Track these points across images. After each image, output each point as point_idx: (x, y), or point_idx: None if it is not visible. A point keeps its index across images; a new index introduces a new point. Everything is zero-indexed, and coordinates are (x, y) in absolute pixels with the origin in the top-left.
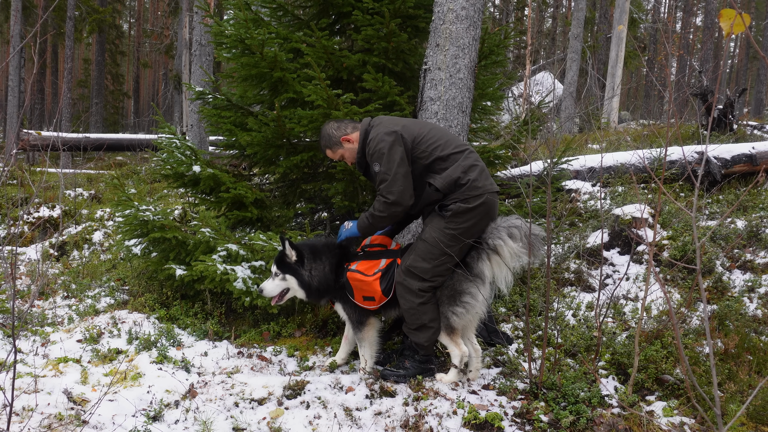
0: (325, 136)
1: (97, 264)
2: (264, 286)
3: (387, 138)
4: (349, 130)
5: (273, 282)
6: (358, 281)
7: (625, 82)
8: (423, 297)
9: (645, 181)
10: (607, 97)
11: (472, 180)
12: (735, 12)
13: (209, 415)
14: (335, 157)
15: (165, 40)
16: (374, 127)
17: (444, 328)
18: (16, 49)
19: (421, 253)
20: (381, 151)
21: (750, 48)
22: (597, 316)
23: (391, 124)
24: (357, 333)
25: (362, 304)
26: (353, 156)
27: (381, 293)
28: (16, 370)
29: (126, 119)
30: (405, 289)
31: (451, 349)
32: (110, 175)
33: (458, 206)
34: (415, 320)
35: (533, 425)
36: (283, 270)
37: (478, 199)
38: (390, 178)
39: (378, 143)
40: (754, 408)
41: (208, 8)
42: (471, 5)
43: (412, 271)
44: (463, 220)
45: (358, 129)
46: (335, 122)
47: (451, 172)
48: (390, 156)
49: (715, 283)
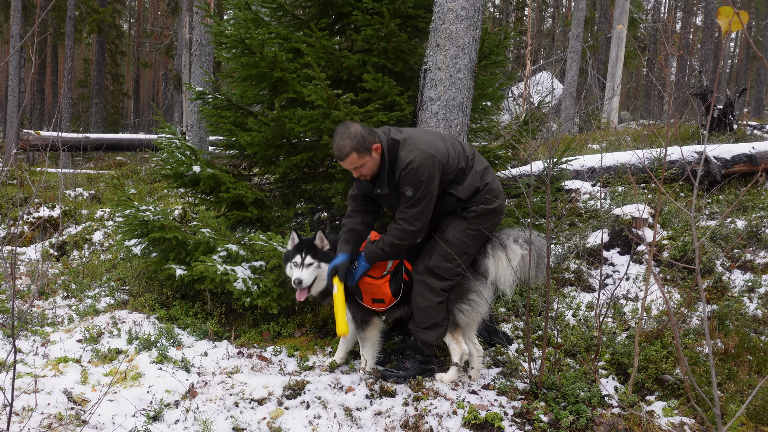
0: (358, 137)
1: (97, 264)
2: (301, 276)
3: (429, 166)
4: (376, 138)
5: (307, 270)
6: (367, 284)
7: (625, 82)
8: (443, 296)
9: (645, 181)
10: (607, 97)
11: (488, 183)
12: (733, 10)
13: (209, 415)
14: (357, 164)
15: (165, 40)
16: (404, 146)
17: (450, 324)
18: (15, 48)
19: (443, 254)
20: (420, 179)
21: (750, 48)
22: (597, 316)
23: (424, 146)
24: (360, 333)
25: (371, 306)
26: (374, 168)
27: (391, 295)
28: (16, 370)
29: (126, 119)
30: (426, 288)
31: (452, 347)
32: (110, 175)
33: (481, 208)
34: (428, 319)
35: (533, 425)
36: (316, 258)
37: (497, 200)
38: (420, 207)
39: (418, 169)
40: (754, 408)
41: (208, 8)
42: (471, 5)
43: (435, 271)
44: (484, 220)
45: (380, 140)
46: (360, 125)
47: (471, 180)
48: (428, 185)
49: (715, 283)
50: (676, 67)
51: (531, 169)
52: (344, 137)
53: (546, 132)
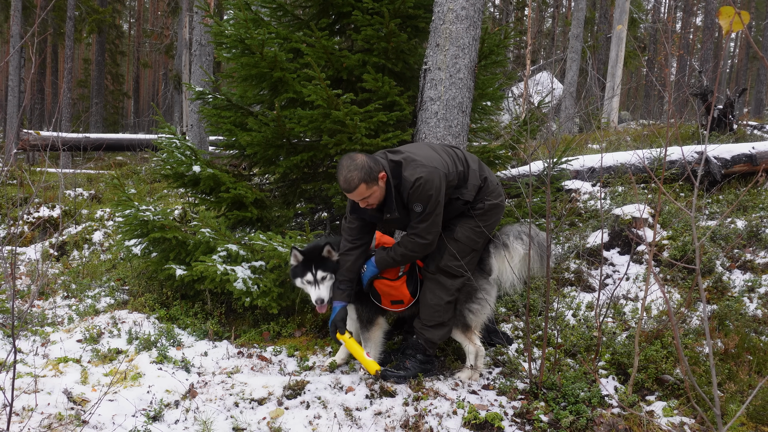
0: (366, 168)
1: (97, 264)
2: (321, 295)
3: (435, 180)
4: (381, 166)
5: (324, 286)
6: (385, 287)
7: (625, 82)
8: (453, 296)
9: (645, 181)
10: (607, 97)
11: (486, 177)
12: (734, 10)
13: (209, 415)
14: (366, 194)
15: (165, 40)
16: (406, 166)
17: (461, 325)
18: (15, 48)
19: (453, 253)
20: (428, 193)
21: (750, 48)
22: (597, 316)
23: (426, 161)
24: (365, 332)
25: (390, 308)
26: (381, 195)
27: (409, 296)
28: (16, 370)
29: (126, 119)
30: (438, 287)
31: (466, 346)
32: (110, 175)
33: (487, 204)
34: (435, 317)
35: (533, 425)
36: (327, 270)
37: (500, 194)
38: (431, 221)
39: (425, 184)
40: (754, 408)
41: (208, 8)
42: (471, 5)
43: (447, 270)
44: (490, 216)
45: (383, 167)
46: (365, 155)
47: (473, 180)
48: (437, 199)
49: (715, 283)
50: (676, 67)
51: (530, 170)
52: (352, 169)
53: (546, 132)
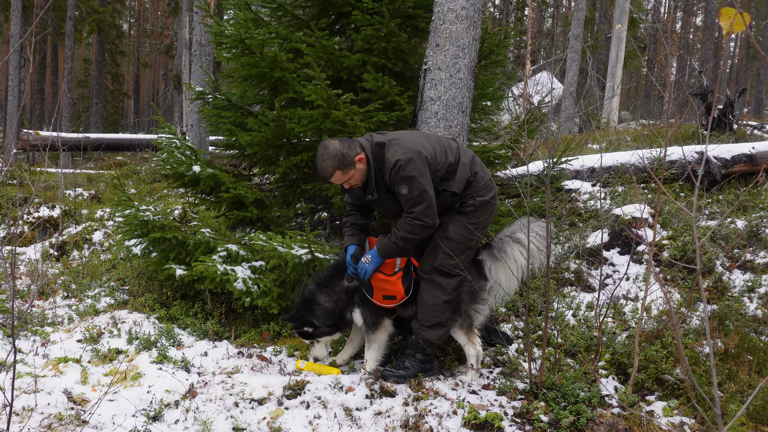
0: (338, 155)
1: (97, 264)
2: (317, 355)
3: (416, 161)
4: (358, 149)
5: (320, 345)
6: (380, 281)
7: (625, 82)
8: (451, 295)
9: (645, 181)
10: (607, 97)
11: (476, 172)
12: (735, 11)
13: (209, 415)
14: (344, 179)
15: (165, 40)
16: (389, 148)
17: (464, 327)
18: (14, 48)
19: (448, 251)
20: (410, 174)
21: (750, 48)
22: (597, 316)
23: (409, 144)
24: (370, 335)
25: (381, 303)
26: (363, 177)
27: (403, 292)
28: (16, 370)
29: (126, 119)
30: (435, 286)
31: (467, 349)
32: (110, 175)
33: (477, 201)
34: (433, 318)
35: (533, 425)
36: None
37: (491, 190)
38: (426, 202)
39: (406, 165)
40: (754, 408)
41: (208, 8)
42: (471, 5)
43: (442, 269)
44: (482, 212)
45: (363, 149)
46: (338, 141)
47: (462, 173)
48: (422, 179)
49: (715, 283)
50: (676, 67)
51: (528, 170)
52: (325, 158)
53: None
